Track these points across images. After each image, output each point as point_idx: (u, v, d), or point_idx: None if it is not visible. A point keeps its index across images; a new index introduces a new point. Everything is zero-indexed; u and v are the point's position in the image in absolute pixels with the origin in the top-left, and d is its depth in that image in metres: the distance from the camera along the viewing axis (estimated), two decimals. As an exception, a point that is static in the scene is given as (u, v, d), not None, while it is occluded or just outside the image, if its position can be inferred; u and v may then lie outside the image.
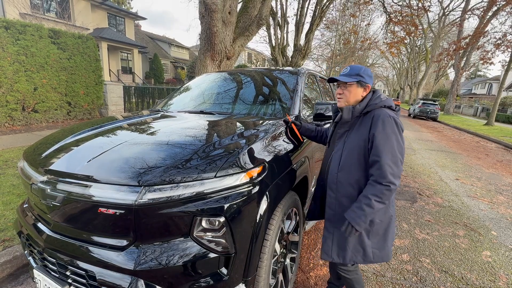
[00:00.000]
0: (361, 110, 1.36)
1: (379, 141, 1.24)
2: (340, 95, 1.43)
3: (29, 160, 1.49)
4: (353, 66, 1.41)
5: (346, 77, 1.38)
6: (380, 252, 1.37)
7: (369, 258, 1.37)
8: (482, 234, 2.91)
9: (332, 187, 1.40)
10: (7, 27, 6.18)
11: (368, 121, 1.31)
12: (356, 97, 1.39)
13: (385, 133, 1.24)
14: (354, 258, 1.36)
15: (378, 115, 1.29)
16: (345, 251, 1.36)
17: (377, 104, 1.33)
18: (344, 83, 1.39)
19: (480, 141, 10.37)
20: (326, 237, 1.42)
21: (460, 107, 30.03)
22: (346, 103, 1.41)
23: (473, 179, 4.97)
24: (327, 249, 1.41)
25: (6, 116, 6.35)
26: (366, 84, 1.38)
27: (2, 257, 1.94)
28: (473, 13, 18.46)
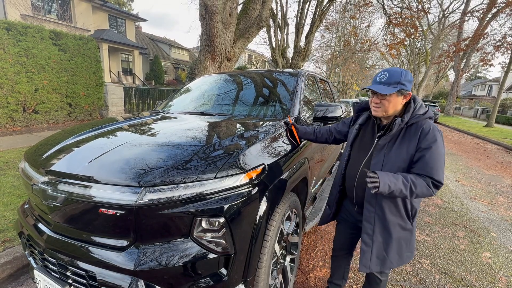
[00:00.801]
0: (407, 122, 1.27)
1: (432, 156, 1.20)
2: (377, 105, 1.31)
3: (30, 161, 1.50)
4: (391, 72, 1.27)
5: (384, 86, 1.25)
6: (411, 253, 1.42)
7: (403, 261, 1.39)
8: (482, 235, 2.91)
9: (371, 201, 1.34)
10: (8, 28, 6.22)
11: (415, 134, 1.24)
12: (395, 107, 1.28)
13: (438, 150, 1.21)
14: (390, 265, 1.38)
15: (427, 130, 1.23)
16: (384, 261, 1.37)
17: (423, 116, 1.27)
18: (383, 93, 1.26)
19: (480, 142, 10.37)
20: (365, 251, 1.38)
21: (460, 108, 30.05)
22: (384, 113, 1.31)
23: (473, 181, 4.97)
24: (365, 262, 1.38)
25: (7, 117, 6.37)
26: (407, 92, 1.26)
27: (2, 257, 1.94)
28: (473, 15, 18.51)
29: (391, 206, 1.32)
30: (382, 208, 1.33)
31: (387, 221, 1.33)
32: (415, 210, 1.35)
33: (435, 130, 1.23)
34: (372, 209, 1.35)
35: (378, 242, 1.36)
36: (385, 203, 1.32)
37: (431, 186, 1.19)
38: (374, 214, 1.35)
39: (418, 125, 1.26)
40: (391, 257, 1.36)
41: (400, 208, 1.32)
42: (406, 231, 1.36)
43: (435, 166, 1.19)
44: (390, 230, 1.33)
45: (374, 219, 1.35)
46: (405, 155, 1.25)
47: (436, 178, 1.18)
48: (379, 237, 1.35)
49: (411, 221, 1.36)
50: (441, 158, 1.21)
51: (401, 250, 1.37)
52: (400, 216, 1.33)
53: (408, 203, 1.32)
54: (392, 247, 1.35)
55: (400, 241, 1.36)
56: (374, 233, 1.36)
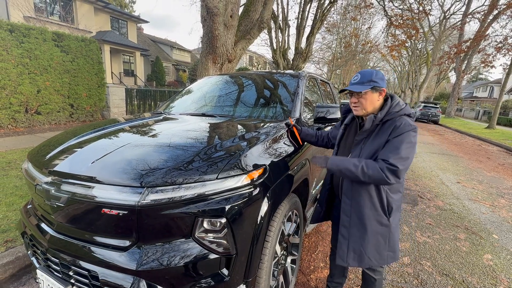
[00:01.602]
0: (382, 118, 1.33)
1: (393, 143, 1.24)
2: (355, 104, 1.38)
3: (33, 161, 1.51)
4: (363, 72, 1.37)
5: (358, 85, 1.34)
6: (393, 254, 1.41)
7: (384, 261, 1.39)
8: (483, 237, 2.90)
9: (348, 194, 1.39)
10: (11, 30, 6.27)
11: (388, 129, 1.30)
12: (373, 103, 1.35)
13: (401, 139, 1.24)
14: (369, 262, 1.37)
15: (399, 125, 1.27)
16: (362, 256, 1.37)
17: (397, 113, 1.32)
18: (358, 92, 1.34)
19: (482, 144, 10.34)
20: (342, 243, 1.42)
21: (462, 110, 29.99)
22: (364, 111, 1.37)
23: (474, 182, 4.96)
24: (342, 254, 1.41)
25: (9, 118, 6.41)
26: (381, 88, 1.34)
27: (4, 257, 1.95)
28: (474, 16, 18.50)
29: (365, 199, 1.35)
30: (357, 200, 1.37)
31: (362, 214, 1.36)
32: (392, 206, 1.36)
33: (406, 125, 1.26)
34: (348, 202, 1.40)
35: (354, 236, 1.38)
36: (360, 196, 1.35)
37: (385, 170, 1.20)
38: (350, 207, 1.39)
39: (392, 122, 1.32)
40: (368, 252, 1.36)
41: (374, 201, 1.34)
42: (382, 227, 1.36)
43: (393, 151, 1.23)
44: (365, 223, 1.35)
45: (351, 212, 1.39)
46: (377, 148, 1.31)
47: (389, 161, 1.21)
48: (355, 230, 1.38)
49: (388, 217, 1.36)
50: (402, 146, 1.22)
51: (379, 247, 1.37)
52: (375, 209, 1.35)
53: (384, 197, 1.34)
54: (368, 242, 1.36)
55: (377, 237, 1.36)
56: (350, 225, 1.39)
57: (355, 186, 1.36)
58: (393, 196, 1.36)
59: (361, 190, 1.35)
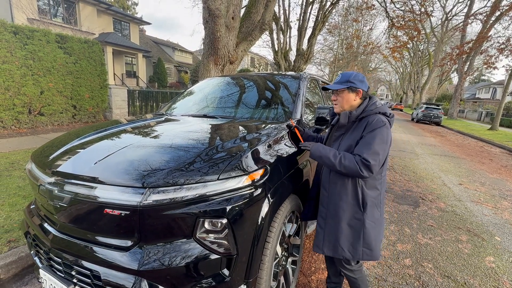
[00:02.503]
0: (357, 116, 1.43)
1: (367, 139, 1.33)
2: (335, 101, 1.52)
3: (36, 162, 1.53)
4: (344, 73, 1.50)
5: (336, 84, 1.48)
6: (370, 251, 1.42)
7: (358, 256, 1.42)
8: (485, 239, 2.89)
9: (326, 186, 1.49)
10: (15, 32, 6.33)
11: (362, 126, 1.40)
12: (349, 102, 1.47)
13: (374, 135, 1.33)
14: (343, 253, 1.43)
15: (372, 121, 1.37)
16: (336, 246, 1.44)
17: (372, 111, 1.41)
18: (337, 90, 1.47)
19: (484, 146, 10.29)
20: (318, 232, 1.51)
21: (464, 111, 29.85)
22: (341, 109, 1.50)
23: (476, 184, 4.93)
24: (318, 242, 1.50)
25: (13, 119, 6.46)
26: (357, 89, 1.45)
27: (8, 257, 1.97)
28: (476, 18, 18.44)
29: (341, 192, 1.42)
30: (333, 193, 1.44)
31: (337, 205, 1.42)
32: (367, 202, 1.39)
33: (379, 121, 1.36)
34: (326, 194, 1.48)
35: (330, 226, 1.46)
36: (336, 188, 1.43)
37: (359, 163, 1.29)
38: (327, 199, 1.47)
39: (366, 118, 1.41)
40: (342, 243, 1.42)
41: (349, 194, 1.40)
42: (356, 220, 1.40)
43: (366, 146, 1.32)
44: (340, 215, 1.42)
45: (328, 203, 1.46)
46: (352, 143, 1.41)
47: (363, 156, 1.30)
48: (330, 221, 1.46)
49: (362, 211, 1.40)
50: (374, 142, 1.31)
51: (353, 239, 1.41)
52: (349, 203, 1.40)
53: (359, 191, 1.39)
54: (342, 233, 1.42)
55: (351, 230, 1.41)
56: (327, 216, 1.47)
57: (333, 179, 1.45)
58: (369, 192, 1.40)
59: (338, 182, 1.43)
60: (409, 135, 11.46)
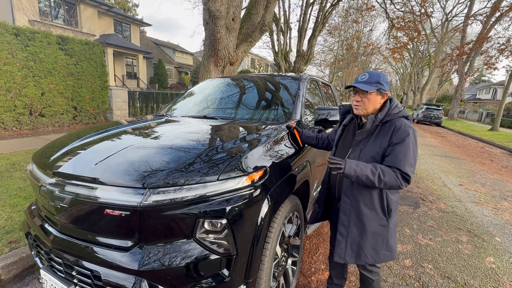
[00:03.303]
0: (381, 120, 1.36)
1: (401, 149, 1.26)
2: (358, 103, 1.39)
3: (38, 163, 1.54)
4: (371, 73, 1.38)
5: (366, 85, 1.35)
6: (390, 253, 1.43)
7: (380, 259, 1.41)
8: (485, 240, 2.89)
9: (347, 193, 1.41)
10: (17, 34, 6.36)
11: (389, 130, 1.32)
12: (375, 105, 1.38)
13: (408, 145, 1.27)
14: (365, 259, 1.40)
15: (399, 126, 1.30)
16: (359, 254, 1.40)
17: (396, 114, 1.35)
18: (364, 91, 1.36)
19: (485, 146, 10.28)
20: (340, 241, 1.43)
21: (465, 112, 29.83)
22: (364, 111, 1.39)
23: (477, 185, 4.93)
24: (340, 252, 1.43)
25: (14, 120, 6.49)
26: (385, 92, 1.37)
27: (9, 258, 1.98)
28: (476, 18, 18.46)
29: (366, 199, 1.36)
30: (357, 200, 1.38)
31: (361, 213, 1.37)
32: (391, 208, 1.37)
33: (406, 127, 1.30)
34: (348, 201, 1.41)
35: (353, 234, 1.40)
36: (360, 196, 1.37)
37: (400, 177, 1.24)
38: (350, 206, 1.40)
39: (392, 123, 1.34)
40: (366, 250, 1.39)
41: (375, 202, 1.36)
42: (381, 227, 1.38)
43: (403, 159, 1.25)
44: (365, 223, 1.37)
45: (350, 211, 1.40)
46: (378, 149, 1.34)
47: (404, 170, 1.24)
48: (353, 229, 1.40)
49: (387, 217, 1.37)
50: (410, 152, 1.27)
51: (377, 246, 1.39)
52: (374, 210, 1.36)
53: (384, 198, 1.36)
54: (366, 241, 1.38)
55: (376, 236, 1.38)
56: (349, 224, 1.41)
57: (356, 186, 1.37)
58: (392, 197, 1.38)
59: (362, 190, 1.36)
60: (409, 136, 11.42)
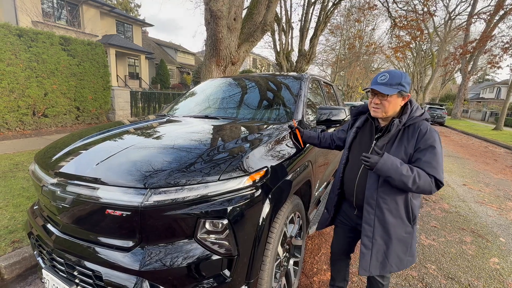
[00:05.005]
0: (404, 123, 1.30)
1: (433, 155, 1.22)
2: (377, 105, 1.31)
3: (40, 163, 1.54)
4: (392, 73, 1.28)
5: (386, 87, 1.26)
6: (412, 258, 1.40)
7: (404, 266, 1.38)
8: (490, 240, 2.86)
9: (371, 202, 1.34)
10: (20, 35, 6.40)
11: (413, 135, 1.27)
12: (395, 108, 1.30)
13: (437, 150, 1.23)
14: (390, 269, 1.35)
15: (425, 130, 1.26)
16: (384, 264, 1.35)
17: (420, 117, 1.30)
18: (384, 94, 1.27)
19: (489, 146, 10.19)
20: (365, 254, 1.36)
21: (468, 111, 29.61)
22: (384, 114, 1.32)
23: (481, 185, 4.89)
24: (365, 265, 1.36)
25: (17, 120, 6.53)
26: (407, 93, 1.29)
27: (12, 258, 1.99)
28: (480, 17, 18.32)
29: (390, 207, 1.31)
30: (381, 209, 1.32)
31: (387, 223, 1.31)
32: (415, 214, 1.35)
33: (432, 131, 1.26)
34: (372, 211, 1.34)
35: (378, 245, 1.34)
36: (385, 204, 1.31)
37: (434, 184, 1.21)
38: (374, 216, 1.33)
39: (415, 126, 1.29)
40: (391, 260, 1.34)
41: (399, 209, 1.31)
42: (407, 234, 1.34)
43: (436, 166, 1.21)
44: (390, 232, 1.32)
45: (374, 221, 1.34)
46: (403, 155, 1.27)
47: (438, 178, 1.21)
48: (379, 240, 1.34)
49: (412, 224, 1.34)
50: (440, 158, 1.23)
51: (401, 253, 1.35)
52: (400, 218, 1.32)
53: (409, 205, 1.32)
54: (392, 250, 1.34)
55: (401, 244, 1.34)
56: (374, 235, 1.34)
57: (381, 194, 1.31)
58: (416, 203, 1.35)
59: (387, 198, 1.30)
60: (412, 136, 11.37)
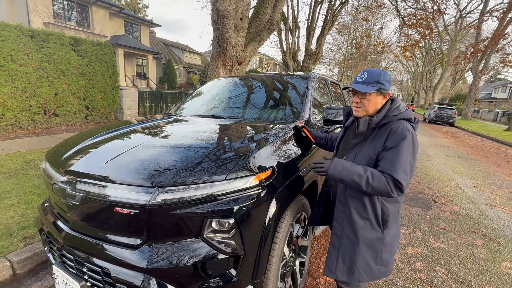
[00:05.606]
0: (378, 122, 1.26)
1: (395, 154, 1.16)
2: (357, 104, 1.30)
3: (51, 161, 1.58)
4: (371, 72, 1.27)
5: (364, 85, 1.25)
6: (385, 268, 1.31)
7: (375, 275, 1.29)
8: (501, 244, 2.78)
9: (341, 200, 1.33)
10: (32, 35, 6.55)
11: (384, 134, 1.23)
12: (375, 106, 1.28)
13: (402, 149, 1.16)
14: (359, 277, 1.28)
15: (396, 129, 1.20)
16: (352, 270, 1.28)
17: (395, 116, 1.24)
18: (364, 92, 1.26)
19: (501, 147, 9.93)
20: (331, 253, 1.34)
21: (479, 111, 28.91)
22: (365, 113, 1.30)
23: (492, 187, 4.76)
24: (331, 265, 1.32)
25: (29, 119, 6.69)
26: (386, 91, 1.26)
27: (23, 253, 2.04)
28: (492, 15, 17.85)
29: (358, 207, 1.27)
30: (349, 208, 1.29)
31: (354, 223, 1.27)
32: (387, 219, 1.26)
33: (404, 130, 1.18)
34: (342, 209, 1.33)
35: (346, 246, 1.30)
36: (352, 203, 1.28)
37: (391, 184, 1.14)
38: (344, 214, 1.31)
39: (389, 125, 1.24)
40: (359, 266, 1.27)
41: (367, 210, 1.25)
42: (375, 239, 1.26)
43: (397, 164, 1.15)
44: (358, 234, 1.26)
45: (343, 220, 1.31)
46: (372, 154, 1.25)
47: (396, 177, 1.13)
48: (346, 241, 1.30)
49: (382, 228, 1.26)
50: (404, 157, 1.15)
51: (370, 260, 1.27)
52: (368, 220, 1.26)
53: (378, 206, 1.25)
54: (359, 255, 1.26)
55: (369, 250, 1.26)
56: (342, 234, 1.31)
57: (350, 192, 1.29)
58: (389, 206, 1.26)
59: (354, 197, 1.27)
60: (421, 136, 11.18)
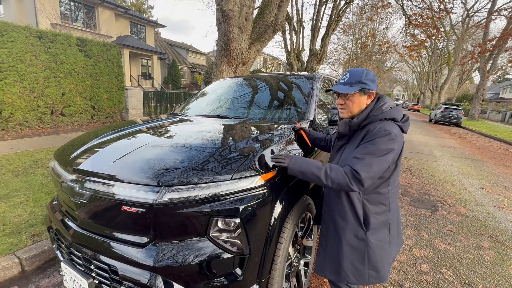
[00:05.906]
0: (359, 123, 1.23)
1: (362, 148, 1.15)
2: (342, 106, 1.29)
3: (59, 160, 1.60)
4: (353, 72, 1.25)
5: (346, 86, 1.24)
6: (376, 273, 1.24)
7: (364, 279, 1.24)
8: (510, 247, 2.74)
9: (326, 200, 1.35)
10: (40, 36, 6.66)
11: (362, 135, 1.21)
12: (360, 106, 1.26)
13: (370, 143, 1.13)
14: (347, 278, 1.25)
15: (372, 129, 1.17)
16: (338, 271, 1.26)
17: (377, 117, 1.20)
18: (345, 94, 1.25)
19: (509, 148, 9.76)
20: (320, 253, 1.35)
21: (486, 112, 28.48)
22: (350, 114, 1.28)
23: (500, 188, 4.69)
24: (320, 264, 1.33)
25: (37, 119, 6.80)
26: (370, 90, 1.24)
27: (32, 250, 2.07)
28: (500, 14, 17.57)
29: (338, 207, 1.27)
30: (332, 208, 1.30)
31: (336, 224, 1.28)
32: (369, 220, 1.22)
33: (380, 131, 1.15)
34: (327, 209, 1.34)
35: (331, 246, 1.31)
36: (334, 203, 1.29)
37: (348, 174, 1.11)
38: (328, 215, 1.33)
39: (368, 126, 1.21)
40: (345, 268, 1.24)
41: (346, 211, 1.24)
42: (358, 240, 1.23)
43: (359, 157, 1.13)
44: (340, 235, 1.26)
45: (328, 220, 1.33)
46: (350, 154, 1.21)
47: (353, 167, 1.11)
48: (332, 241, 1.30)
49: (364, 230, 1.22)
50: (368, 151, 1.12)
51: (357, 263, 1.24)
52: (349, 220, 1.24)
53: (358, 207, 1.22)
54: (344, 256, 1.25)
55: (354, 252, 1.24)
56: (328, 235, 1.32)
57: (332, 192, 1.28)
58: (372, 209, 1.22)
59: (335, 197, 1.27)
60: (426, 137, 11.06)
